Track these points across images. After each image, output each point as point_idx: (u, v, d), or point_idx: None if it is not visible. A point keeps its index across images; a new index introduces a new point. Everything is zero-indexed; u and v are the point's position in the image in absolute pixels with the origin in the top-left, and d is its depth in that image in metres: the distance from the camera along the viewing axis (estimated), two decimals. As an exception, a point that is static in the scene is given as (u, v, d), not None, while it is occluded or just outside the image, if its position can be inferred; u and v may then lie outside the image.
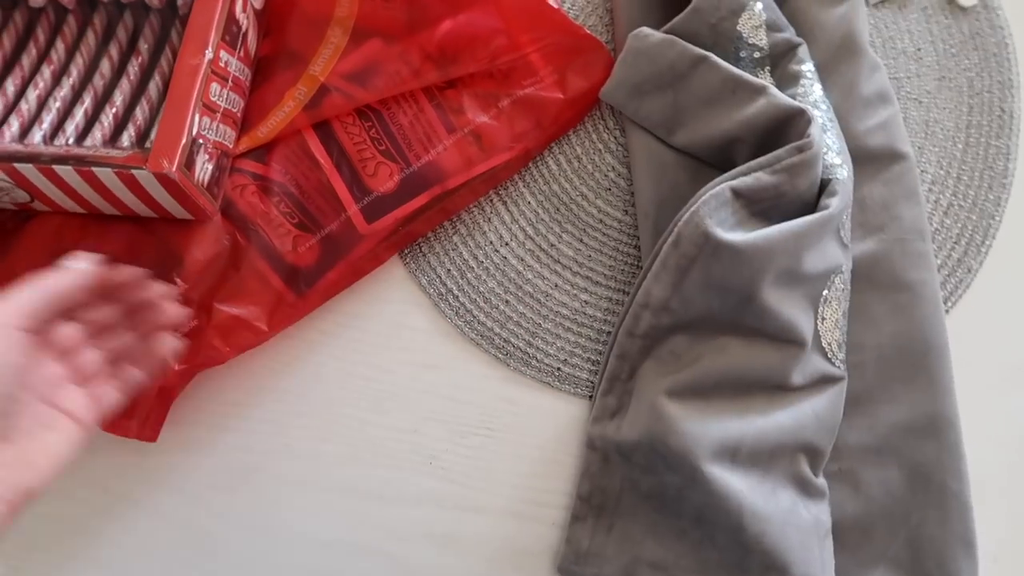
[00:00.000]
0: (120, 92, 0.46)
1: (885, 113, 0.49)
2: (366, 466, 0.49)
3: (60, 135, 0.45)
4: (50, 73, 0.46)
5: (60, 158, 0.42)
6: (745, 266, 0.42)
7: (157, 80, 0.46)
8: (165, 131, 0.41)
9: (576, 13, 0.52)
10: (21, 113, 0.45)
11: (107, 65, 0.47)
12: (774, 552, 0.43)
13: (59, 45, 0.47)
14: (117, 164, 0.41)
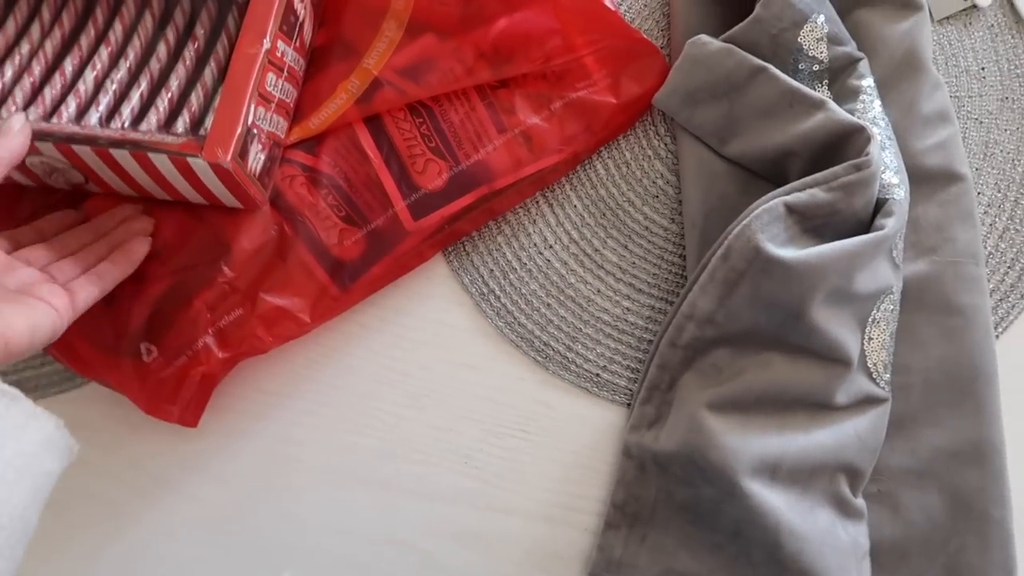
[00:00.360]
0: (176, 77, 0.46)
1: (944, 133, 0.48)
2: (400, 461, 0.49)
3: (116, 118, 0.45)
4: (107, 55, 0.47)
5: (116, 141, 0.42)
6: (795, 283, 0.42)
7: (212, 67, 0.47)
8: (221, 120, 0.41)
9: (632, 17, 0.52)
10: (79, 94, 0.45)
11: (163, 49, 0.47)
12: (811, 572, 0.42)
13: (117, 27, 0.48)
14: (172, 151, 0.41)
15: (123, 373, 0.46)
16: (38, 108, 0.44)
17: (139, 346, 0.46)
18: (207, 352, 0.46)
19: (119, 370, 0.46)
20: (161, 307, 0.46)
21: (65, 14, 0.48)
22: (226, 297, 0.46)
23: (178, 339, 0.46)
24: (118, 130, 0.44)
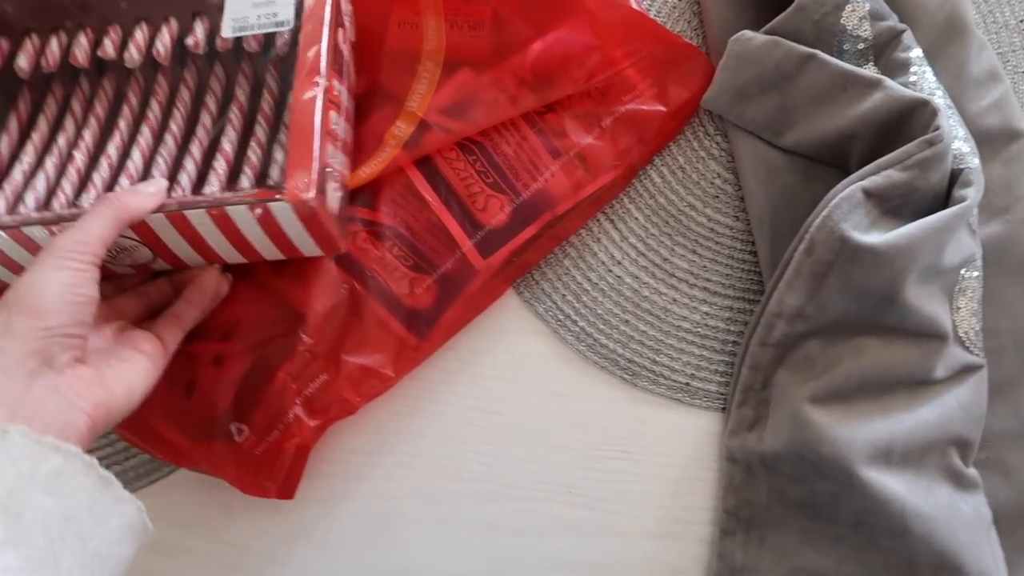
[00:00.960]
0: (227, 139, 0.45)
1: (997, 91, 0.48)
2: (503, 500, 0.48)
3: (176, 188, 0.43)
4: (149, 131, 0.45)
5: (190, 203, 0.41)
6: (887, 267, 0.42)
7: (262, 123, 0.45)
8: (295, 161, 0.40)
9: (663, 20, 0.51)
10: (130, 172, 0.44)
11: (207, 116, 0.46)
12: (945, 552, 0.42)
13: (154, 104, 0.46)
14: (252, 200, 0.40)
15: (217, 457, 0.45)
16: (90, 192, 0.43)
17: (229, 427, 0.45)
18: (298, 423, 0.45)
19: (212, 454, 0.45)
20: (245, 386, 0.45)
21: (97, 102, 0.47)
22: (308, 364, 0.45)
23: (268, 414, 0.45)
24: (183, 196, 0.43)
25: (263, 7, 0.45)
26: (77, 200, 0.43)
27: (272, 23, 0.45)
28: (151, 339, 0.40)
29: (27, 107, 0.46)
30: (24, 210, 0.42)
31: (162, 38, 0.46)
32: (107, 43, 0.46)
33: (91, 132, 0.46)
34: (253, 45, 0.46)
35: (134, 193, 0.39)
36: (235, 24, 0.45)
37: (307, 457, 0.46)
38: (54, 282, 0.34)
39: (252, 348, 0.45)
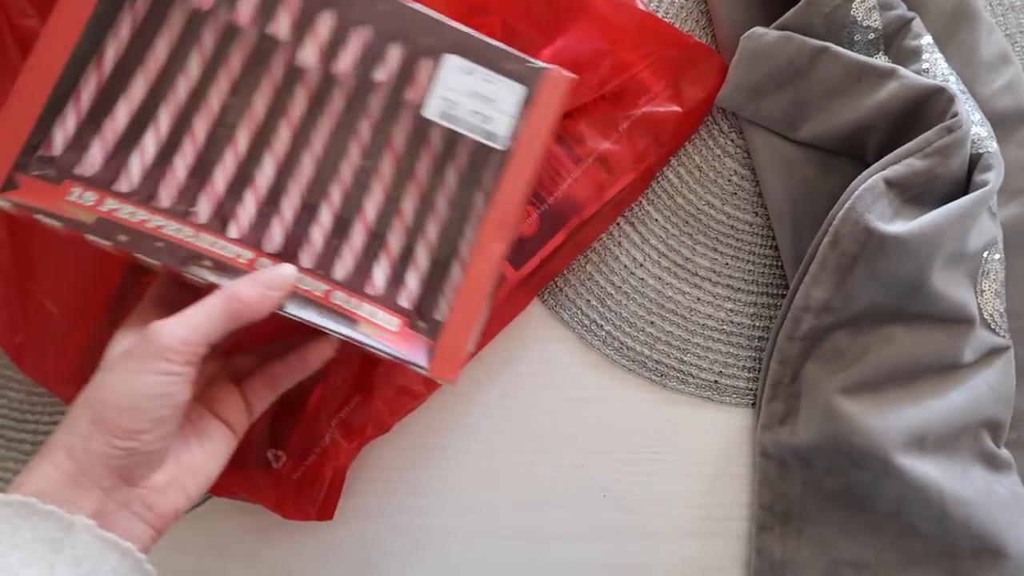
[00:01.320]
0: (395, 233, 0.38)
1: (1008, 73, 0.48)
2: (540, 508, 0.49)
3: (340, 264, 0.37)
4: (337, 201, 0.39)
5: (328, 310, 0.35)
6: (913, 256, 0.42)
7: (439, 235, 0.39)
8: (453, 334, 0.36)
9: (671, 20, 0.51)
10: (284, 216, 0.37)
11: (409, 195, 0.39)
12: (985, 535, 0.42)
13: (353, 149, 0.39)
14: (390, 353, 0.35)
15: (255, 484, 0.45)
16: (238, 219, 0.37)
17: (266, 455, 0.45)
18: (335, 446, 0.45)
19: (250, 482, 0.45)
20: (280, 412, 0.45)
21: (290, 102, 0.39)
22: (342, 387, 0.45)
23: (304, 440, 0.45)
24: (328, 286, 0.36)
25: (480, 102, 0.37)
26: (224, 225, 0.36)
27: (482, 130, 0.37)
28: (239, 406, 0.37)
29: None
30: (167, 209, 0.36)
31: (387, 64, 0.38)
32: (311, 47, 0.38)
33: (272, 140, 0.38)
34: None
35: (258, 290, 0.33)
36: (442, 106, 0.37)
37: (344, 478, 0.47)
38: (146, 395, 0.31)
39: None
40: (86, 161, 0.36)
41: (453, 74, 0.37)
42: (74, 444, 0.31)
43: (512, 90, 0.37)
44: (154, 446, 0.32)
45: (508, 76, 0.37)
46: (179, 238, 0.35)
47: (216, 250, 0.35)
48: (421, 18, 0.37)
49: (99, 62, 0.36)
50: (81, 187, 0.35)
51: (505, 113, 0.37)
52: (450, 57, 0.37)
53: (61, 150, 0.35)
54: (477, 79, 0.37)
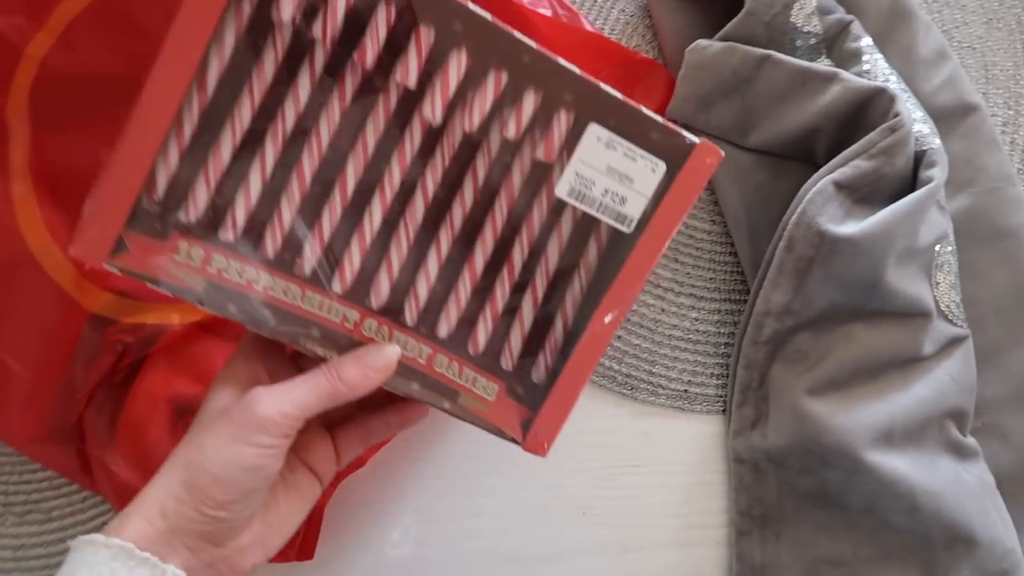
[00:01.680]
0: (500, 290, 0.36)
1: (947, 69, 0.50)
2: (522, 530, 0.49)
3: (444, 320, 0.35)
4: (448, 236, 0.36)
5: (430, 381, 0.35)
6: (866, 255, 0.43)
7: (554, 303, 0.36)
8: (555, 405, 0.35)
9: (618, 36, 0.52)
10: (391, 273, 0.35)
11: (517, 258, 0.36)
12: (956, 524, 0.43)
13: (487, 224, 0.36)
14: (487, 426, 0.35)
15: (232, 529, 0.45)
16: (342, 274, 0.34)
17: (242, 498, 0.45)
18: (310, 484, 0.45)
19: (227, 527, 0.45)
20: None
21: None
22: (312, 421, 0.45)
23: (279, 480, 0.44)
24: (431, 346, 0.35)
25: (617, 181, 0.34)
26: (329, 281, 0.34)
27: (616, 212, 0.34)
28: (329, 455, 0.36)
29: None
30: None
31: (518, 117, 0.34)
32: (437, 100, 0.33)
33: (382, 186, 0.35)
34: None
35: (361, 371, 0.33)
36: (576, 184, 0.34)
37: (323, 516, 0.46)
38: (240, 467, 0.31)
39: (254, 415, 0.45)
40: (190, 204, 0.33)
41: (593, 147, 0.34)
42: (167, 504, 0.31)
43: (654, 168, 0.34)
44: (242, 515, 0.32)
45: (652, 149, 0.33)
46: (287, 301, 0.33)
47: (323, 313, 0.34)
48: (564, 73, 0.33)
49: (202, 81, 0.32)
50: (187, 241, 0.33)
51: (641, 194, 0.34)
52: (593, 128, 0.33)
53: (164, 192, 0.32)
54: (618, 154, 0.34)
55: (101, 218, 0.31)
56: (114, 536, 0.30)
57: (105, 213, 0.31)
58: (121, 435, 0.45)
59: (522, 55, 0.33)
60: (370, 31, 0.32)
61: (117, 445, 0.45)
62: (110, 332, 0.46)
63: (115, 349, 0.45)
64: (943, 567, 0.44)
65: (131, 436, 0.45)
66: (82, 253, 0.31)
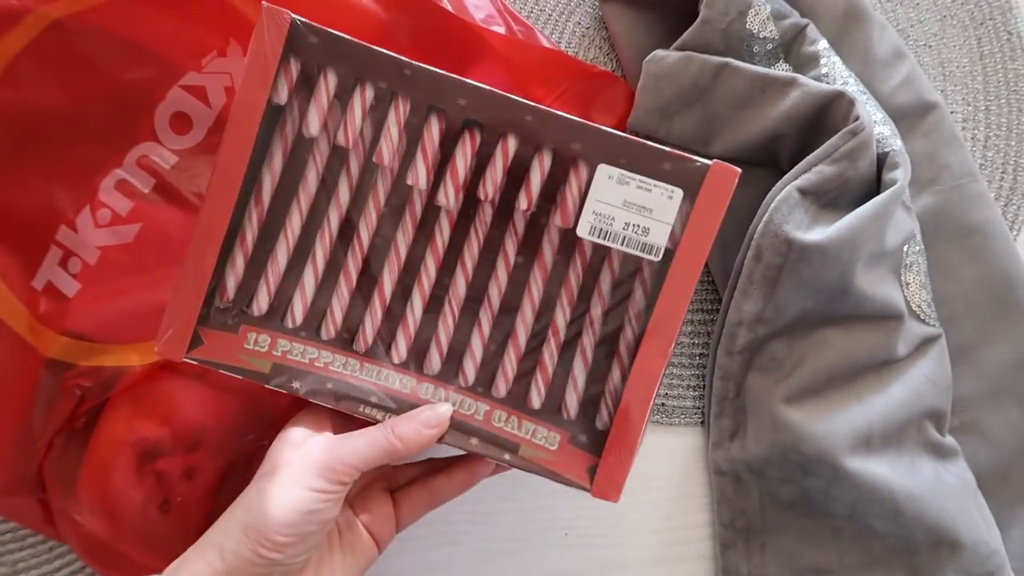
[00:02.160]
0: (548, 351, 0.37)
1: (904, 68, 0.50)
2: (504, 555, 0.48)
3: (500, 381, 0.37)
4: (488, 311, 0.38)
5: (489, 436, 0.36)
6: (834, 261, 0.42)
7: (601, 345, 0.38)
8: (616, 448, 0.35)
9: (575, 49, 0.51)
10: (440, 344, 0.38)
11: (560, 311, 0.38)
12: (939, 527, 0.43)
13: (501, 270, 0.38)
14: (551, 476, 0.36)
15: (204, 574, 0.43)
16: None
17: (213, 541, 0.43)
18: (284, 522, 0.44)
19: (199, 572, 0.43)
20: (222, 496, 0.43)
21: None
22: (283, 461, 0.44)
23: (250, 520, 0.43)
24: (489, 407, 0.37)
25: (636, 213, 0.35)
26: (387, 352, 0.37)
27: (640, 243, 0.35)
28: (389, 519, 0.38)
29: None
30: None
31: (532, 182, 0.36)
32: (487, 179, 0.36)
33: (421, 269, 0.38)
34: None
35: (415, 428, 0.34)
36: (596, 222, 0.35)
37: None
38: (297, 509, 0.32)
39: (223, 455, 0.44)
40: (255, 303, 0.37)
41: (605, 186, 0.35)
42: (226, 545, 0.32)
43: (671, 195, 0.34)
44: (297, 559, 0.33)
45: (666, 179, 0.34)
46: (346, 373, 0.37)
47: (379, 381, 0.37)
48: (569, 125, 0.34)
49: (258, 196, 0.37)
50: (255, 331, 0.37)
51: (663, 221, 0.35)
52: (603, 168, 0.34)
53: (234, 294, 0.37)
54: (632, 188, 0.34)
55: (178, 319, 0.36)
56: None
57: (181, 314, 0.36)
58: (84, 483, 0.44)
59: (525, 116, 0.35)
60: (384, 134, 0.36)
61: (80, 494, 0.44)
62: (68, 377, 0.44)
63: (74, 394, 0.44)
64: (928, 570, 0.43)
65: (94, 484, 0.44)
66: (164, 351, 0.36)
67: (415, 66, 0.35)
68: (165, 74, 0.44)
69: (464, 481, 0.39)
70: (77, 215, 0.45)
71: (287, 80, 0.35)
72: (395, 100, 0.36)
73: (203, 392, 0.44)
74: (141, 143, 0.45)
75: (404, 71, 0.35)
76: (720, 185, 0.34)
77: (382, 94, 0.36)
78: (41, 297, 0.45)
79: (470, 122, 0.36)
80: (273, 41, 0.35)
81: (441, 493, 0.39)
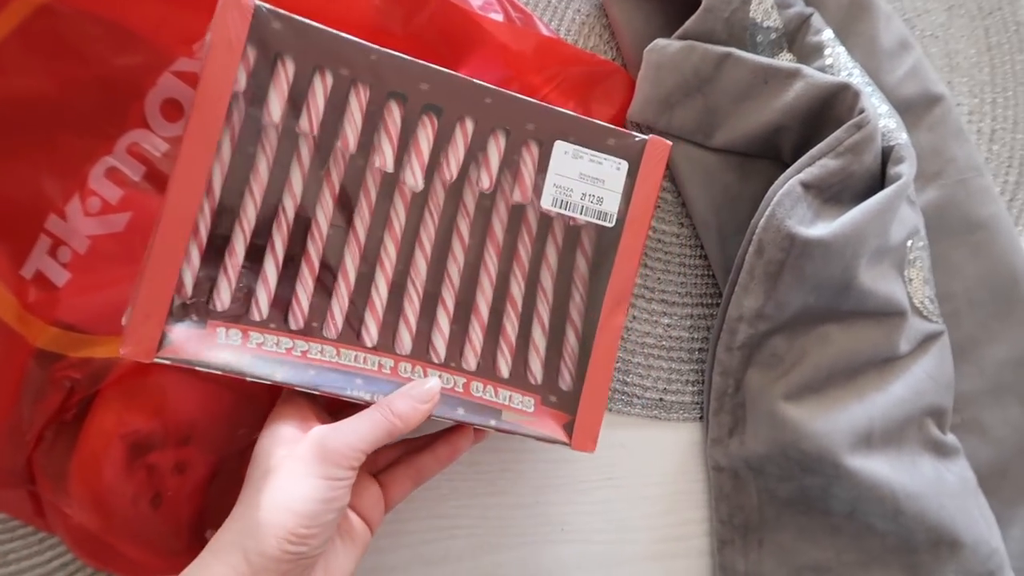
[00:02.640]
0: (509, 321, 0.40)
1: (910, 59, 0.49)
2: (500, 550, 0.47)
3: (469, 354, 0.39)
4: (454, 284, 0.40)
5: (473, 405, 0.38)
6: (837, 257, 0.42)
7: (562, 317, 0.41)
8: (589, 406, 0.39)
9: (575, 38, 0.50)
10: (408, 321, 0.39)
11: (514, 285, 0.41)
12: (939, 526, 0.42)
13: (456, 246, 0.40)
14: (534, 434, 0.38)
15: (196, 568, 0.43)
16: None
17: (203, 536, 0.43)
18: (276, 517, 0.43)
19: (190, 566, 0.43)
20: (213, 490, 0.43)
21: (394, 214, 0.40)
22: (276, 455, 0.43)
23: (242, 515, 0.43)
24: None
25: (590, 184, 0.39)
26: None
27: (596, 211, 0.39)
28: (378, 501, 0.38)
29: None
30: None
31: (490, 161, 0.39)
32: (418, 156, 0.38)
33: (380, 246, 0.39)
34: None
35: (409, 404, 0.35)
36: (557, 194, 0.39)
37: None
38: (317, 499, 0.32)
39: (214, 449, 0.43)
40: (216, 298, 0.37)
41: (562, 160, 0.38)
42: (248, 546, 0.31)
43: (618, 166, 0.39)
44: (319, 550, 0.33)
45: (612, 153, 0.38)
46: (324, 360, 0.37)
47: (359, 364, 0.37)
48: (524, 106, 0.37)
49: (208, 187, 0.36)
50: (224, 325, 0.36)
51: (613, 191, 0.39)
52: (559, 144, 0.38)
53: (191, 290, 0.36)
54: (585, 161, 0.38)
55: (143, 320, 0.35)
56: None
57: (146, 315, 0.35)
58: (74, 476, 0.43)
59: (484, 98, 0.37)
60: (347, 119, 0.37)
61: (71, 486, 0.43)
62: (57, 368, 0.43)
63: (63, 386, 0.43)
64: (927, 569, 0.43)
65: (85, 477, 0.43)
66: (132, 352, 0.35)
67: (381, 52, 0.36)
68: (155, 60, 0.43)
69: (447, 455, 0.40)
70: (66, 203, 0.44)
71: (244, 67, 0.35)
72: (355, 87, 0.36)
73: (195, 385, 0.44)
74: (131, 130, 0.44)
75: (370, 56, 0.35)
76: (656, 157, 0.39)
77: (342, 81, 0.36)
78: (30, 286, 0.44)
79: (428, 107, 0.37)
80: (238, 27, 0.34)
81: (426, 469, 0.40)
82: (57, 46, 0.43)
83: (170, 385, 0.44)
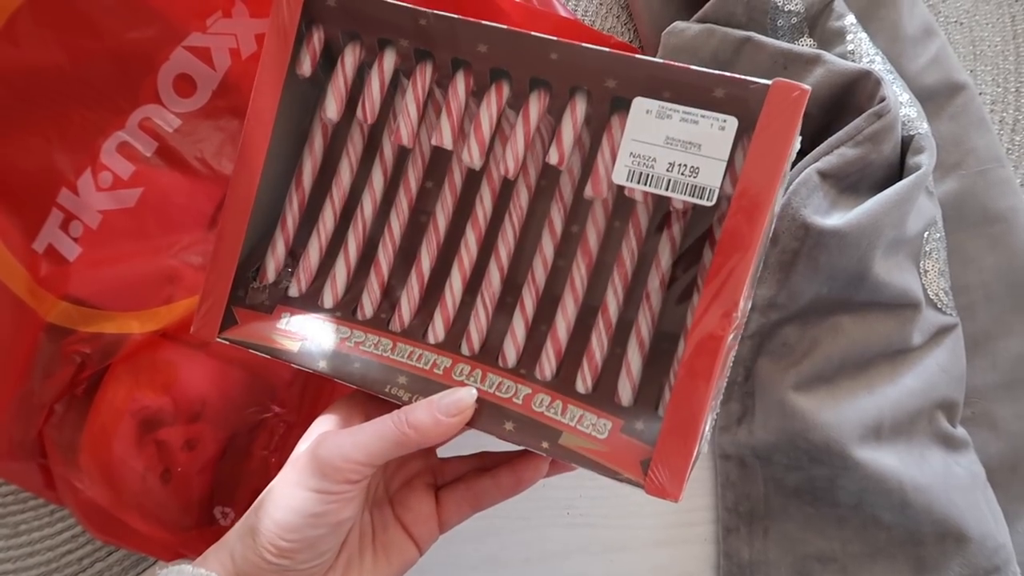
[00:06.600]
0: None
1: (933, 47, 0.48)
2: (503, 533, 0.48)
3: (545, 362, 0.33)
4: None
5: (526, 421, 0.32)
6: (853, 248, 0.41)
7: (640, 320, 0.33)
8: (671, 437, 0.29)
9: (592, 19, 0.50)
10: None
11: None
12: (946, 520, 0.42)
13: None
14: (596, 467, 0.30)
15: (204, 543, 0.43)
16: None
17: (213, 512, 0.43)
18: (283, 495, 0.43)
19: (200, 541, 0.43)
20: (223, 467, 0.43)
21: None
22: (284, 435, 0.44)
23: (251, 492, 0.43)
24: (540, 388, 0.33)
25: (681, 151, 0.29)
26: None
27: (687, 186, 0.29)
28: (431, 519, 0.34)
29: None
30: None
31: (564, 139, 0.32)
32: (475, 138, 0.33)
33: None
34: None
35: (432, 416, 0.30)
36: (634, 166, 0.30)
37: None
38: (300, 512, 0.29)
39: (225, 426, 0.43)
40: (294, 284, 0.37)
41: (643, 121, 0.29)
42: (236, 548, 0.30)
43: (723, 125, 0.29)
44: (308, 564, 0.30)
45: (716, 108, 0.29)
46: (376, 354, 0.34)
47: (411, 362, 0.34)
48: (600, 57, 0.30)
49: (299, 180, 0.37)
50: (290, 311, 0.36)
51: (716, 158, 0.29)
52: (639, 101, 0.30)
53: (273, 278, 0.37)
54: (675, 122, 0.29)
55: (211, 298, 0.35)
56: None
57: (214, 293, 0.35)
58: (84, 450, 0.44)
59: (551, 53, 0.31)
60: (402, 110, 0.34)
61: (81, 461, 0.44)
62: (68, 343, 0.44)
63: (74, 361, 0.43)
64: (933, 563, 0.43)
65: (95, 451, 0.43)
66: (199, 330, 0.36)
67: (429, 14, 0.32)
68: (168, 34, 0.43)
69: (510, 487, 0.35)
70: (78, 177, 0.44)
71: (310, 52, 0.35)
72: (422, 65, 0.34)
73: (205, 362, 0.44)
74: (143, 105, 0.44)
75: (420, 21, 0.32)
76: (785, 108, 0.27)
77: (405, 52, 0.34)
78: (42, 260, 0.44)
79: (497, 73, 0.32)
80: (292, 9, 0.34)
81: (485, 497, 0.35)
82: (70, 18, 0.43)
83: (180, 362, 0.44)
